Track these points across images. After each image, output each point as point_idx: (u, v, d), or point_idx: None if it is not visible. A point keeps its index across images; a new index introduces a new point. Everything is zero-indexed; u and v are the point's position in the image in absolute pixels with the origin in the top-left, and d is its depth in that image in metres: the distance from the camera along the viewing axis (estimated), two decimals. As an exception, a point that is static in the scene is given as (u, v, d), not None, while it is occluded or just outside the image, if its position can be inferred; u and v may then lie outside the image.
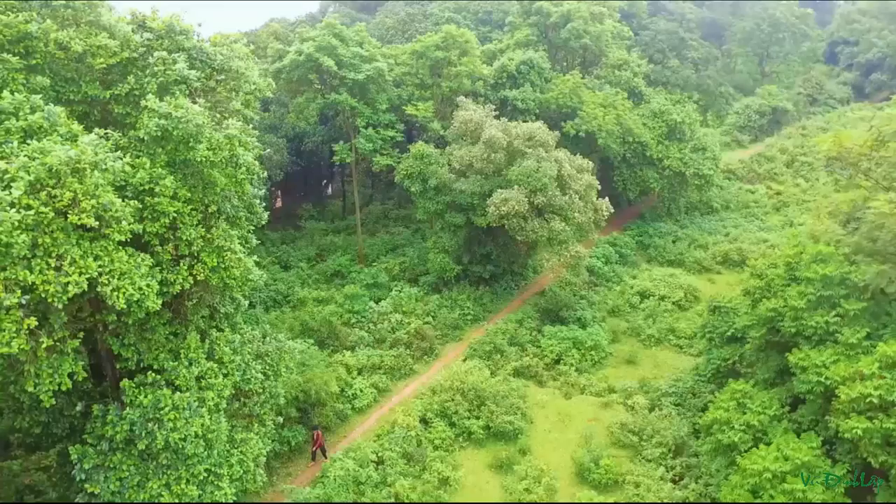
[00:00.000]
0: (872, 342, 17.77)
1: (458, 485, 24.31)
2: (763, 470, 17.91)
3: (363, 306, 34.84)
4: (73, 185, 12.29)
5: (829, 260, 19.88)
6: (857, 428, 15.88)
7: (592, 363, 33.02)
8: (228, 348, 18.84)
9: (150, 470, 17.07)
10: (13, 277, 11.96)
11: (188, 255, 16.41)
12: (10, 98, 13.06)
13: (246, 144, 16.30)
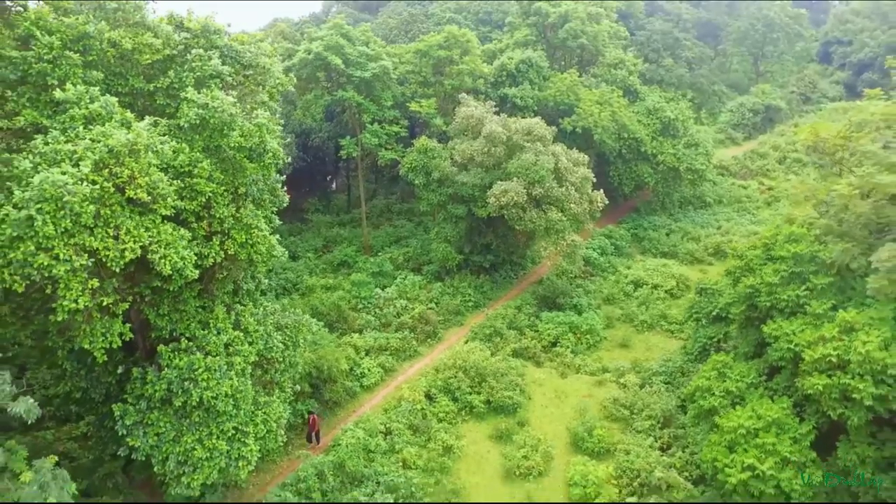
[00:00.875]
0: (837, 312, 19.78)
1: (461, 452, 26.35)
2: (738, 427, 19.96)
3: (369, 293, 36.89)
4: (130, 164, 14.31)
5: (801, 240, 21.93)
6: (818, 384, 17.88)
7: (587, 346, 35.02)
8: (253, 319, 20.88)
9: (185, 426, 19.06)
10: (81, 243, 13.97)
11: (220, 231, 18.45)
12: (73, 90, 15.09)
13: (272, 132, 18.34)
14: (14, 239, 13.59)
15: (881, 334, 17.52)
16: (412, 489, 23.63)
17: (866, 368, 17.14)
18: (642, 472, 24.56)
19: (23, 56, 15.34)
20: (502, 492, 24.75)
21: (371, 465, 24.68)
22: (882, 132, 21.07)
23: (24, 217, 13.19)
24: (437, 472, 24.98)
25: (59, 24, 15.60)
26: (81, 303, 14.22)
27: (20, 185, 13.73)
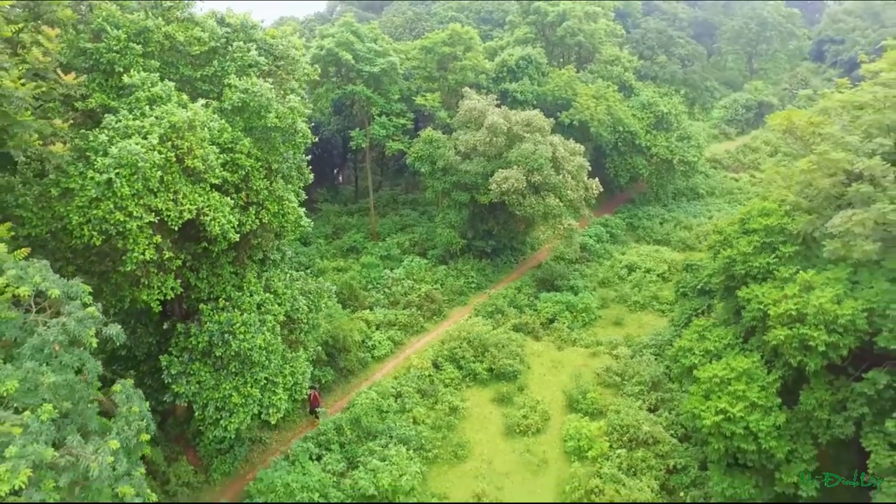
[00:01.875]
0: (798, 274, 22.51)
1: (465, 413, 29.09)
2: (713, 377, 22.70)
3: (378, 274, 39.65)
4: (189, 137, 17.05)
5: (772, 214, 24.67)
6: (781, 335, 20.58)
7: (583, 324, 37.77)
8: (281, 283, 23.64)
9: (223, 376, 21.79)
10: (148, 203, 16.71)
11: (255, 202, 21.21)
12: (138, 76, 17.84)
13: (302, 115, 21.09)
14: (94, 199, 16.35)
15: (834, 291, 20.24)
16: (422, 441, 26.39)
17: (820, 319, 19.86)
18: (631, 427, 27.34)
19: (95, 47, 18.10)
20: (504, 447, 27.49)
21: (384, 421, 27.40)
22: (842, 117, 23.83)
23: (104, 180, 15.93)
24: (444, 428, 27.72)
25: (124, 20, 18.37)
26: (147, 255, 16.95)
27: (98, 155, 16.47)
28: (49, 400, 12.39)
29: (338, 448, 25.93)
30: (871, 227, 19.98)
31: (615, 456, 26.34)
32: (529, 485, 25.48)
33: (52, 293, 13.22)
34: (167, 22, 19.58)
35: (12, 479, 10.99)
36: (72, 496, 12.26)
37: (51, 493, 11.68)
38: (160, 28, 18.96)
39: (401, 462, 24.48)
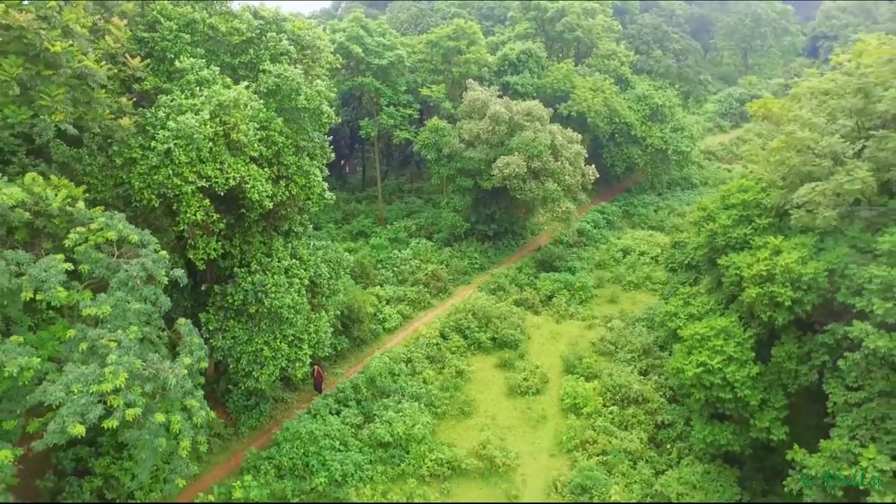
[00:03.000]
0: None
1: (471, 376, 31.93)
2: (694, 334, 25.54)
3: (387, 254, 42.49)
4: (234, 114, 19.88)
5: (749, 190, 27.48)
6: (753, 293, 23.37)
7: (580, 301, 40.60)
8: (305, 251, 26.45)
9: (255, 332, 24.62)
10: (200, 171, 19.53)
11: (285, 176, 24.02)
12: (188, 61, 20.65)
13: (327, 98, 23.90)
14: (154, 167, 19.17)
15: (800, 254, 23.03)
16: (432, 399, 29.23)
17: (787, 278, 22.64)
18: (623, 388, 30.22)
19: (150, 36, 20.90)
20: (506, 405, 30.34)
21: (396, 382, 30.20)
22: (810, 102, 26.65)
23: (164, 149, 18.74)
24: (452, 389, 30.54)
25: (175, 13, 21.17)
26: (198, 216, 19.78)
27: (156, 129, 19.29)
28: (134, 323, 15.22)
29: (355, 404, 28.74)
30: (831, 197, 22.80)
31: (608, 412, 29.22)
32: (530, 437, 28.33)
33: (132, 239, 16.05)
34: (210, 15, 22.37)
35: (114, 380, 13.81)
36: (153, 402, 15.08)
37: (139, 399, 14.49)
38: (205, 20, 21.78)
39: (413, 414, 27.32)
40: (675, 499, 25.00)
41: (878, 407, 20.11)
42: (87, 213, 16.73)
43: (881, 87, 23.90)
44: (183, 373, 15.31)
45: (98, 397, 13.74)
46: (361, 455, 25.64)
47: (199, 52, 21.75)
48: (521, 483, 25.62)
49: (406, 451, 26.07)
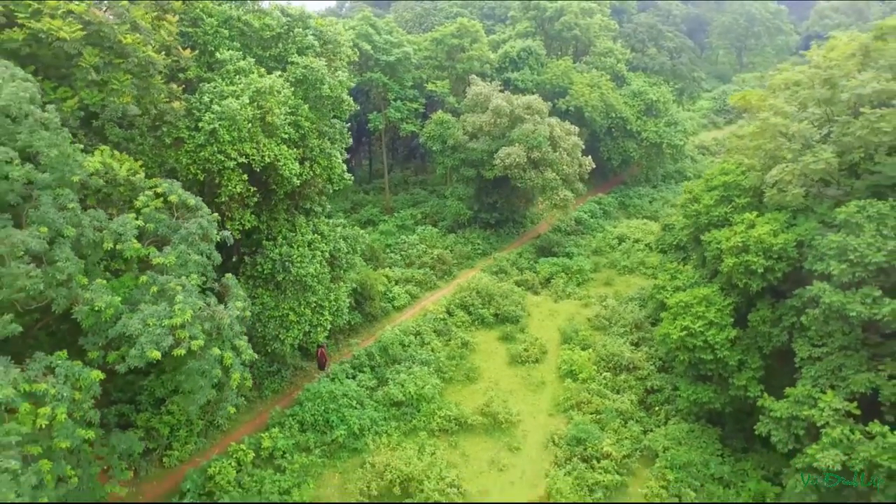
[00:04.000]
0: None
1: (475, 347, 34.86)
2: (679, 302, 28.48)
3: (395, 240, 45.47)
4: (269, 99, 22.83)
5: (730, 172, 30.48)
6: (730, 262, 26.31)
7: (577, 283, 43.53)
8: (326, 227, 29.40)
9: (281, 298, 27.53)
10: (240, 149, 22.47)
11: (310, 157, 26.98)
12: (227, 53, 23.62)
13: (347, 87, 26.87)
14: (200, 145, 22.11)
15: (771, 227, 25.98)
16: (440, 365, 32.15)
17: (759, 248, 25.55)
18: (615, 356, 33.15)
19: (194, 31, 23.86)
20: (508, 372, 33.26)
21: (406, 351, 33.13)
22: (784, 92, 29.64)
23: (210, 130, 21.69)
24: (458, 357, 33.47)
25: (216, 10, 24.14)
26: (238, 188, 22.73)
27: (202, 112, 22.24)
28: (193, 272, 18.16)
29: (369, 370, 31.67)
30: (798, 177, 25.77)
31: (601, 378, 32.16)
32: (530, 399, 31.25)
33: (190, 202, 19.01)
34: (245, 12, 25.34)
35: (182, 316, 16.74)
36: (210, 338, 17.99)
37: (200, 334, 17.40)
38: (240, 17, 24.76)
39: (423, 377, 30.23)
40: (662, 452, 27.88)
41: (836, 359, 23.02)
42: (147, 182, 19.68)
43: (845, 78, 26.89)
44: (235, 314, 18.25)
45: (169, 330, 16.65)
46: (376, 412, 28.58)
47: (235, 45, 24.72)
48: (522, 437, 28.54)
49: (417, 409, 28.97)
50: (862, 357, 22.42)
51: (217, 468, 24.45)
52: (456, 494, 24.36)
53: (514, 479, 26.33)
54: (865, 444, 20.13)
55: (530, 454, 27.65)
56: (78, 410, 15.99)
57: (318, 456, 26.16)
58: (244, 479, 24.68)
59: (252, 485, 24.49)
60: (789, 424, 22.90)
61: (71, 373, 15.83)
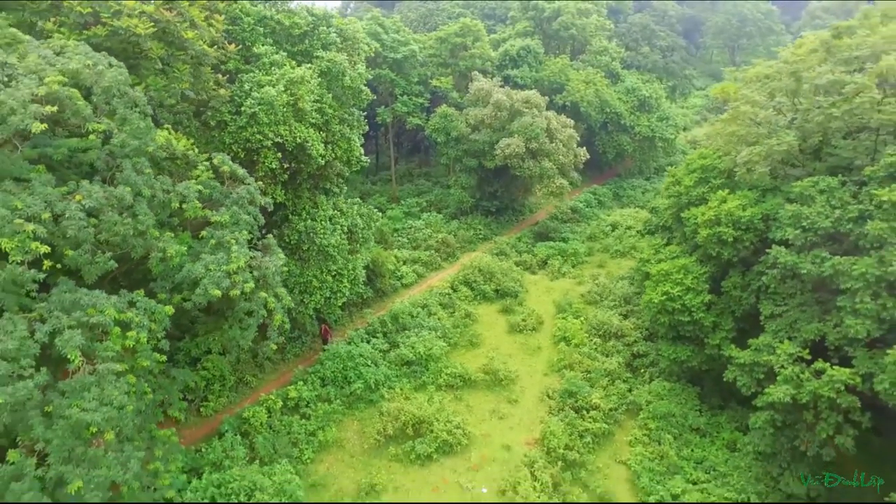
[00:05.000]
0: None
1: (477, 318, 38.64)
2: (660, 271, 32.29)
3: (402, 224, 49.30)
4: (301, 88, 26.65)
5: (707, 156, 34.33)
6: (704, 234, 30.12)
7: (572, 265, 47.34)
8: (344, 204, 33.22)
9: (305, 267, 31.31)
10: (275, 130, 26.29)
11: (332, 141, 30.81)
12: (262, 48, 27.46)
13: (365, 79, 30.68)
14: (241, 127, 25.94)
15: (740, 203, 29.79)
16: (445, 332, 35.93)
17: (730, 220, 29.33)
18: (605, 324, 36.94)
19: (233, 28, 27.73)
20: (507, 339, 37.05)
21: (415, 320, 36.91)
22: (756, 84, 33.51)
23: (251, 113, 25.51)
24: (461, 326, 37.27)
25: (252, 10, 27.99)
26: (273, 165, 26.55)
27: (243, 98, 26.07)
28: (243, 229, 21.97)
29: (382, 336, 35.45)
30: (764, 158, 29.58)
31: (592, 343, 35.97)
32: (527, 361, 35.04)
33: (239, 172, 22.82)
34: (276, 12, 29.21)
35: (237, 262, 20.53)
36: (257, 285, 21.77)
37: (250, 279, 21.17)
38: (273, 17, 28.62)
39: (430, 341, 34.03)
40: (645, 405, 31.65)
41: (793, 314, 26.80)
42: (201, 157, 23.49)
43: (808, 71, 30.76)
44: (279, 263, 22.04)
45: (226, 274, 20.43)
46: (389, 370, 32.38)
47: (268, 41, 28.57)
48: (520, 392, 32.33)
49: (426, 368, 32.75)
50: (814, 311, 26.20)
51: (251, 413, 28.23)
52: (462, 435, 28.11)
53: (512, 425, 30.11)
54: (812, 380, 23.87)
55: (527, 405, 31.44)
56: (153, 339, 19.76)
57: (338, 405, 29.93)
58: (274, 422, 28.45)
59: (281, 427, 28.25)
60: (751, 370, 26.69)
61: (148, 307, 19.59)
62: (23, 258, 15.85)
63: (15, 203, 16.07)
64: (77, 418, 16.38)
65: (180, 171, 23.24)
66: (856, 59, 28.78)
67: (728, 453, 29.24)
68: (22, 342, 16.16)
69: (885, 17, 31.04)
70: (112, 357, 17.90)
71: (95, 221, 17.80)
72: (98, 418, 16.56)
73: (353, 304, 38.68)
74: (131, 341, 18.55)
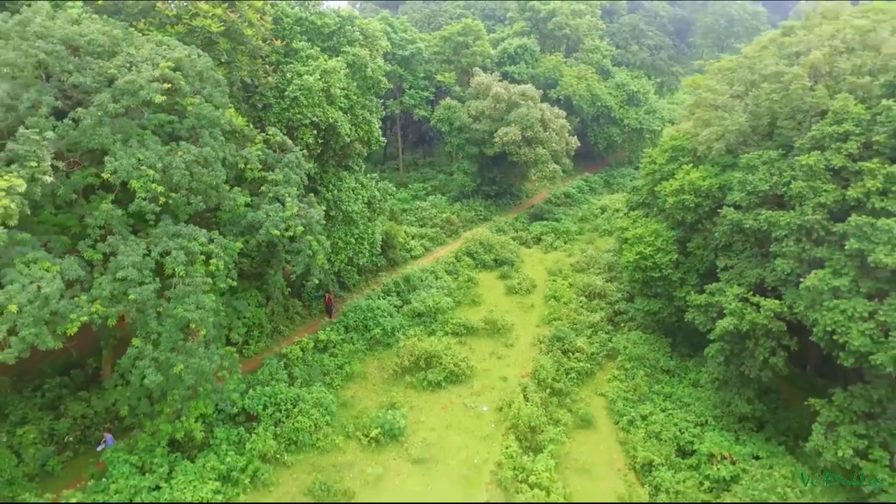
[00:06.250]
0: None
1: (479, 282, 44.85)
2: (635, 234, 38.53)
3: (410, 205, 55.57)
4: (333, 77, 32.91)
5: (678, 138, 40.64)
6: (670, 201, 36.34)
7: (564, 241, 53.62)
8: (364, 178, 39.49)
9: (331, 230, 37.47)
10: (312, 112, 32.54)
11: (356, 123, 37.07)
12: (300, 44, 33.73)
13: (384, 71, 36.95)
14: (285, 108, 32.20)
15: (701, 174, 36.00)
16: (451, 291, 42.13)
17: (691, 189, 35.56)
18: (590, 286, 43.17)
19: (276, 27, 34.03)
20: (505, 300, 43.25)
21: (424, 282, 43.12)
22: (717, 75, 39.83)
23: (293, 97, 31.76)
24: (465, 287, 43.47)
25: (291, 12, 34.29)
26: (310, 140, 32.81)
27: (286, 84, 32.33)
28: (293, 186, 28.20)
29: (395, 294, 41.65)
30: (721, 137, 35.82)
31: (578, 301, 42.18)
32: (522, 316, 41.24)
33: (288, 143, 29.07)
34: (310, 14, 35.55)
35: (291, 210, 26.76)
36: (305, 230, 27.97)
37: (300, 225, 27.36)
38: (307, 17, 34.95)
39: (439, 297, 40.25)
40: (622, 350, 37.82)
41: (742, 265, 33.00)
42: (254, 132, 29.72)
43: (759, 64, 37.07)
44: (320, 215, 28.27)
45: (283, 220, 26.61)
46: (404, 320, 38.54)
47: (303, 38, 34.86)
48: (515, 338, 38.53)
49: (434, 318, 38.95)
50: (757, 261, 32.40)
51: (288, 350, 34.36)
52: (466, 368, 34.28)
53: (509, 363, 36.31)
54: (751, 312, 30.03)
55: (521, 349, 37.64)
56: (227, 268, 25.94)
57: (361, 346, 36.10)
58: (308, 358, 34.55)
59: (314, 362, 34.36)
60: (706, 310, 32.89)
61: (223, 243, 25.78)
62: (145, 195, 22.03)
63: (138, 155, 22.27)
64: (181, 316, 22.60)
65: (239, 143, 29.46)
66: (795, 53, 35.12)
67: (693, 389, 35.40)
68: (143, 257, 22.35)
69: (824, 18, 37.40)
70: (200, 277, 24.10)
71: (188, 173, 24.00)
72: (196, 317, 22.78)
73: (369, 270, 44.83)
74: (213, 267, 24.72)
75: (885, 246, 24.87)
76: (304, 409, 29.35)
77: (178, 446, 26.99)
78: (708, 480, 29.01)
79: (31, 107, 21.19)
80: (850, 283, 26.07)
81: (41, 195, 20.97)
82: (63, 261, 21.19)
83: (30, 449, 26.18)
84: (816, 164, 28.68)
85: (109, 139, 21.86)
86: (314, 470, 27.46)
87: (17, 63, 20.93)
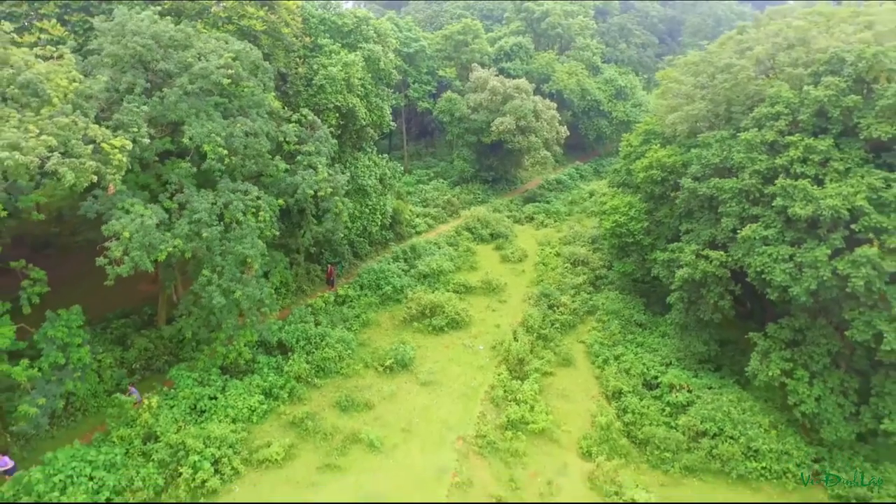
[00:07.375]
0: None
1: (476, 252, 51.71)
2: (612, 205, 45.36)
3: (414, 189, 62.46)
4: (352, 68, 39.79)
5: (650, 122, 47.54)
6: (640, 175, 43.13)
7: (554, 220, 60.48)
8: (376, 157, 46.37)
9: (352, 201, 44.27)
10: (336, 97, 39.42)
11: (370, 109, 43.95)
12: (325, 40, 40.61)
13: (395, 65, 43.82)
14: (312, 95, 39.08)
15: (667, 153, 42.81)
16: (452, 257, 48.96)
17: (659, 165, 42.36)
18: (575, 255, 50.01)
19: (304, 26, 40.92)
20: (500, 267, 50.08)
21: (428, 250, 49.96)
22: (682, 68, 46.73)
23: (319, 85, 38.64)
24: (464, 256, 50.29)
25: (316, 13, 41.17)
26: (336, 123, 39.67)
27: (314, 75, 39.23)
28: (323, 156, 35.06)
29: (403, 261, 48.45)
30: (684, 120, 42.67)
31: (564, 267, 49.01)
32: (514, 280, 48.06)
33: (317, 121, 35.95)
34: (331, 14, 42.46)
35: (322, 174, 33.63)
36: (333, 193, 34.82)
37: (329, 189, 34.21)
38: (329, 18, 41.88)
39: (441, 261, 47.07)
40: (601, 306, 44.62)
41: (699, 227, 39.79)
42: (288, 113, 36.57)
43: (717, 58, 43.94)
44: (346, 178, 35.11)
45: (315, 182, 33.44)
46: (411, 280, 45.36)
47: (326, 35, 41.76)
48: (508, 296, 45.34)
49: (437, 279, 45.77)
50: (710, 222, 39.19)
51: (313, 303, 41.13)
52: (465, 316, 41.07)
53: (502, 314, 43.12)
54: (703, 263, 36.78)
55: (513, 304, 44.46)
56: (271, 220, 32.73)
57: (374, 300, 42.89)
58: (329, 309, 41.31)
59: (335, 311, 41.11)
60: (668, 265, 39.70)
61: (268, 200, 32.57)
62: (214, 157, 28.85)
63: (208, 126, 29.11)
64: (239, 252, 29.41)
65: (276, 122, 36.33)
66: (747, 48, 42.03)
67: (661, 339, 42.13)
68: (211, 206, 29.16)
69: (771, 20, 44.36)
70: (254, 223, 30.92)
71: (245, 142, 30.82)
72: (252, 252, 29.60)
73: (379, 242, 51.64)
74: (261, 219, 31.54)
75: (802, 202, 31.70)
76: (329, 342, 36.09)
77: (227, 371, 33.68)
78: (668, 406, 35.72)
79: (128, 88, 28.06)
80: (777, 233, 32.91)
81: (130, 158, 27.79)
82: (151, 206, 28.02)
83: (108, 371, 32.86)
84: (753, 139, 35.52)
85: (186, 112, 28.70)
86: (339, 389, 34.17)
87: (118, 54, 27.79)
